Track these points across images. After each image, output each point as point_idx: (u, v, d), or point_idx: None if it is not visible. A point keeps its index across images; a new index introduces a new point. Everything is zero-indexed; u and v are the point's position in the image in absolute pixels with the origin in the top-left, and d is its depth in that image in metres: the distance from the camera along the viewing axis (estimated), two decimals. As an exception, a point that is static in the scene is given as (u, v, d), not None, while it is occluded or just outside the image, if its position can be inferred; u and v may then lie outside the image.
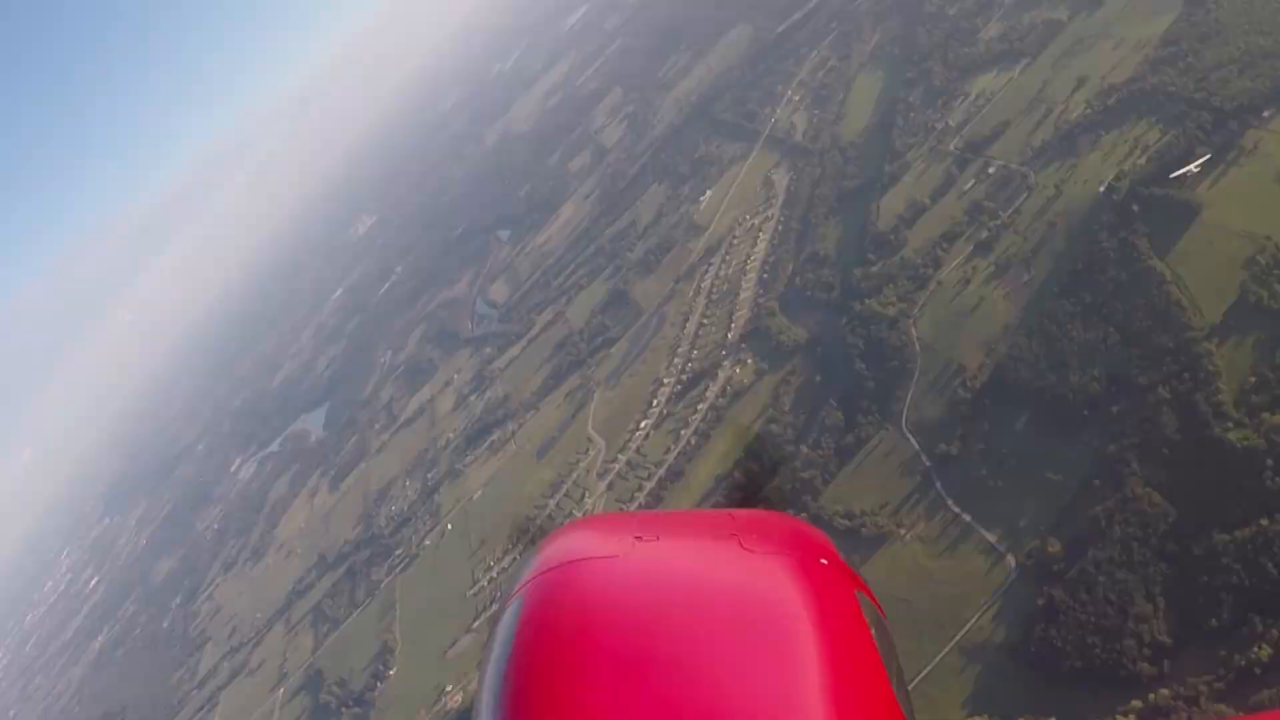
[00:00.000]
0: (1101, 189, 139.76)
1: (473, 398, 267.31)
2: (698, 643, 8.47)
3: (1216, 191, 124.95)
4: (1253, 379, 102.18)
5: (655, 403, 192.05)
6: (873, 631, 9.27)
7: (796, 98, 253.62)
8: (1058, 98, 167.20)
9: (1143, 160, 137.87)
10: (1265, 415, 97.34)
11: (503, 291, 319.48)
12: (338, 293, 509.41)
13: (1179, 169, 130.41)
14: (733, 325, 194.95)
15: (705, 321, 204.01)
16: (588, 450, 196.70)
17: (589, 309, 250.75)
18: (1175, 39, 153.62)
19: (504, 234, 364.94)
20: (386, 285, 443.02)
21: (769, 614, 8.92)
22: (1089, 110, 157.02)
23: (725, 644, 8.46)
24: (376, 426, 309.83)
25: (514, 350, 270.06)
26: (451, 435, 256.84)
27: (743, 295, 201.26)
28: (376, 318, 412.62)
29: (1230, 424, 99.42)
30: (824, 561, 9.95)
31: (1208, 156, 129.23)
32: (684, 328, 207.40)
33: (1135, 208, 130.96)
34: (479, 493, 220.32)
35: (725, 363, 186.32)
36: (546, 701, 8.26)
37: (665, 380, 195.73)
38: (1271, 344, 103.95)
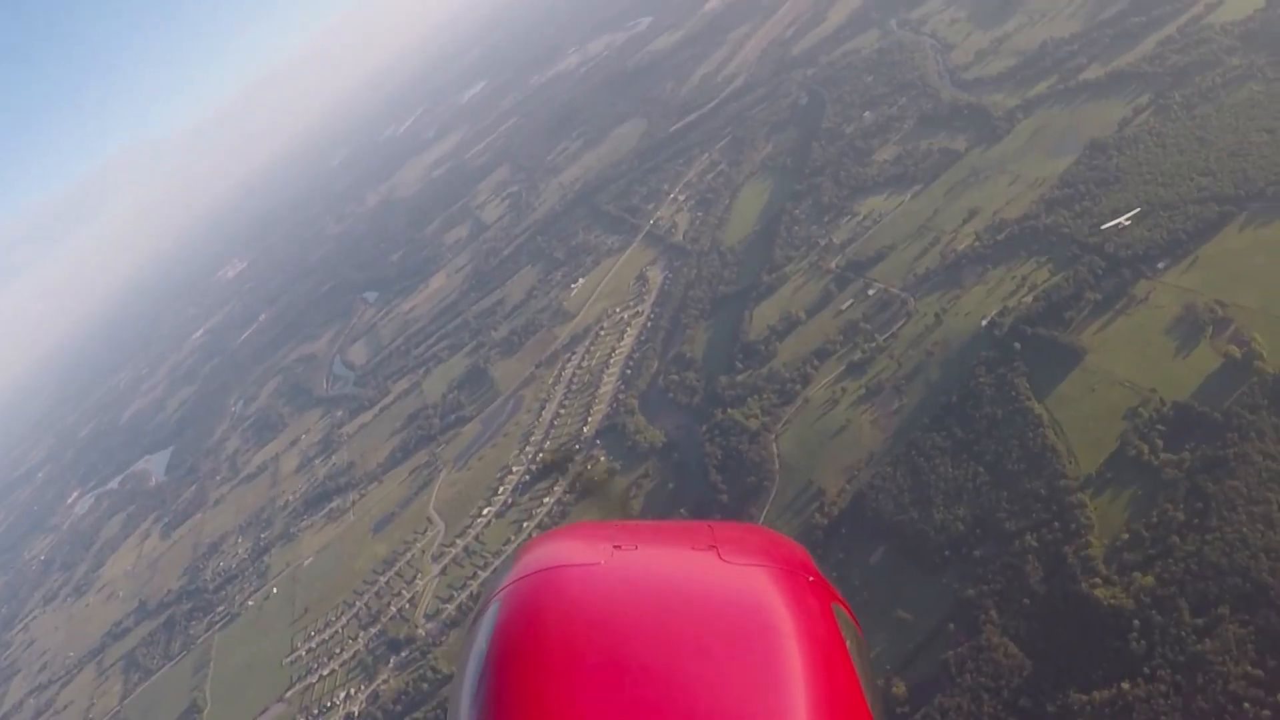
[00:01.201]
0: (984, 323, 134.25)
1: (318, 461, 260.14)
2: (675, 652, 8.34)
3: (1102, 338, 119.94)
4: (1125, 535, 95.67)
5: (501, 490, 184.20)
6: (849, 645, 9.16)
7: (682, 197, 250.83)
8: (947, 227, 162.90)
9: (1029, 299, 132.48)
10: (1136, 574, 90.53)
11: (362, 354, 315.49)
12: (199, 333, 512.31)
13: (1110, 221, 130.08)
14: (590, 419, 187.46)
15: (562, 411, 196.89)
16: (426, 530, 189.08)
17: (446, 383, 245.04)
18: (1073, 181, 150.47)
19: (371, 296, 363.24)
20: (248, 332, 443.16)
21: (747, 625, 8.79)
22: (978, 243, 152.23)
23: (703, 653, 8.32)
24: (218, 478, 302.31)
25: (365, 416, 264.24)
26: (291, 497, 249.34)
27: (603, 389, 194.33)
28: (233, 363, 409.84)
29: (1098, 580, 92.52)
30: (802, 574, 9.76)
31: (1137, 210, 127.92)
32: (540, 415, 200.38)
33: (1017, 345, 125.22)
34: (310, 559, 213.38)
35: (578, 458, 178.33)
36: (523, 705, 8.16)
37: (514, 468, 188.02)
38: (1148, 500, 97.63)
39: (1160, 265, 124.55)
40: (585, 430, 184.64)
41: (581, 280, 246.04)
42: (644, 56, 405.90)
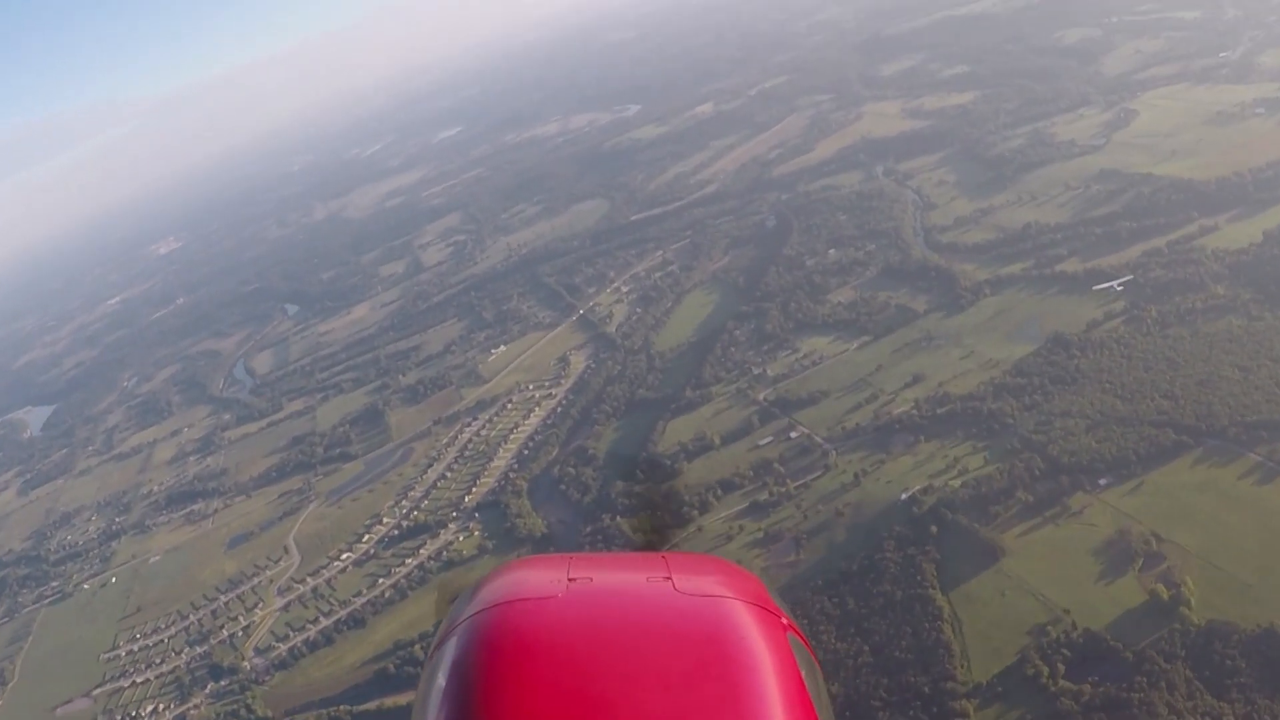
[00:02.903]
0: (903, 496, 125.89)
1: (193, 458, 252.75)
2: (635, 685, 8.46)
3: (1025, 543, 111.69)
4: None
5: (367, 538, 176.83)
6: (803, 673, 9.21)
7: (625, 289, 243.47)
8: (887, 387, 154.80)
9: (957, 483, 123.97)
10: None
11: (267, 363, 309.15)
12: (115, 300, 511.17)
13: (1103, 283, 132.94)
14: (475, 489, 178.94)
15: (449, 474, 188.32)
16: (280, 560, 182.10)
17: (341, 415, 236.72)
18: (1029, 372, 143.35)
19: (292, 309, 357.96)
20: (162, 312, 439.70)
21: (705, 657, 8.86)
22: (915, 411, 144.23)
23: (663, 686, 8.44)
24: (90, 448, 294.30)
25: (251, 427, 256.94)
26: (157, 488, 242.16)
27: (496, 463, 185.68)
28: (139, 339, 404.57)
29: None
30: (756, 604, 9.84)
31: (1129, 278, 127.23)
32: (425, 472, 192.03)
33: (934, 529, 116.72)
34: (157, 557, 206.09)
35: (451, 526, 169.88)
36: None
37: (385, 519, 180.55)
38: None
39: (1102, 482, 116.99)
40: (467, 500, 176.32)
41: (503, 347, 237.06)
42: (623, 141, 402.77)
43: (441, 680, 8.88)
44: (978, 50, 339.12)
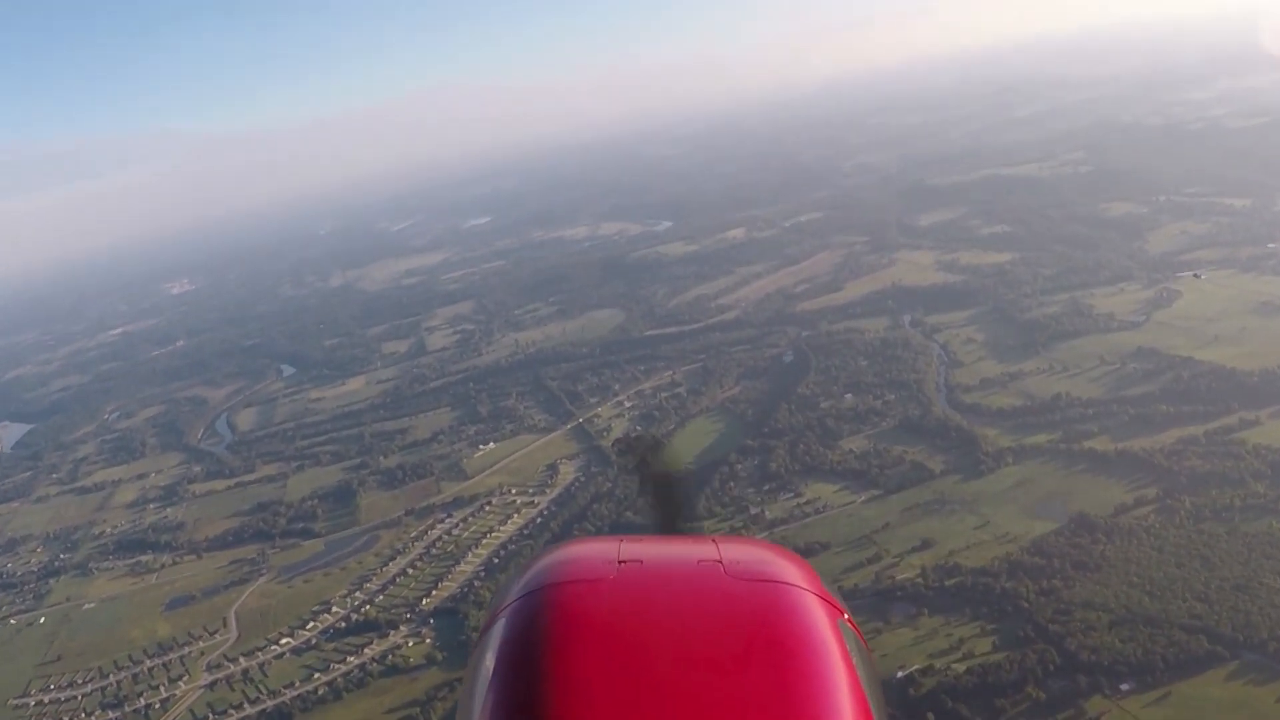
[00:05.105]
0: (900, 673, 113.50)
1: (153, 505, 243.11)
2: (686, 668, 8.37)
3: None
4: None
5: (312, 626, 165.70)
6: (855, 659, 9.02)
7: (628, 404, 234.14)
8: (893, 548, 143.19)
9: (961, 667, 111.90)
10: None
11: (250, 421, 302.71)
12: (116, 331, 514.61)
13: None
14: (436, 592, 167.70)
15: (411, 571, 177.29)
16: (216, 632, 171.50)
17: (312, 488, 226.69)
18: (1049, 552, 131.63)
19: (288, 370, 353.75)
20: (160, 351, 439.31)
21: (756, 641, 8.80)
22: (921, 579, 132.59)
23: (714, 670, 8.34)
24: (55, 475, 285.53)
25: (219, 484, 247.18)
26: (110, 530, 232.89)
27: (463, 567, 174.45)
28: (130, 374, 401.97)
29: None
30: (808, 589, 9.72)
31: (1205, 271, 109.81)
32: (387, 564, 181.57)
33: (931, 716, 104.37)
34: (92, 605, 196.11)
35: (403, 628, 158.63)
36: None
37: (335, 608, 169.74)
38: None
39: (1125, 687, 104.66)
40: (425, 603, 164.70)
41: (492, 444, 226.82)
42: (650, 255, 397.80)
43: (490, 661, 8.73)
44: (1019, 211, 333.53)
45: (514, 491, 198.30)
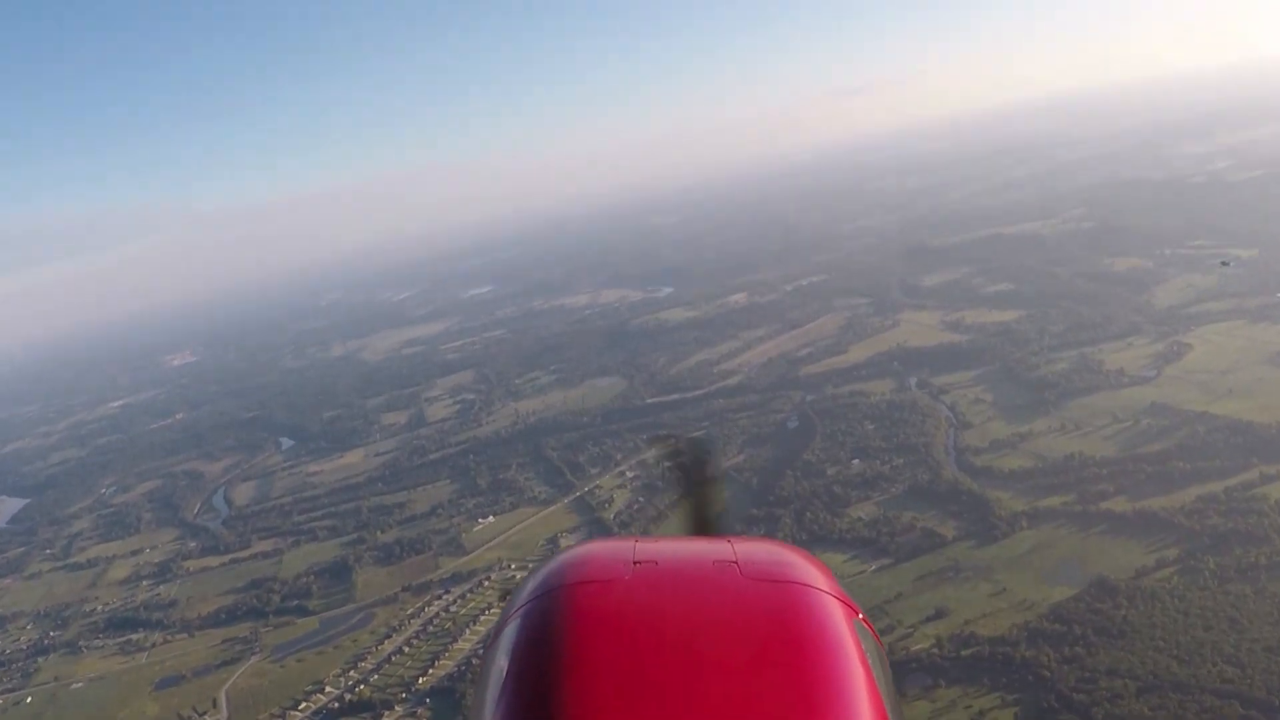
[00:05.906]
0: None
1: (146, 582, 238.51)
2: (702, 670, 8.26)
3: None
4: None
5: (304, 706, 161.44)
6: (870, 661, 8.86)
7: (630, 474, 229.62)
8: (906, 619, 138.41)
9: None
10: None
11: (246, 495, 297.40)
12: (117, 403, 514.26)
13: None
14: (433, 670, 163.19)
15: (407, 650, 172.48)
16: (206, 713, 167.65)
17: (307, 564, 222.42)
18: (1068, 618, 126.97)
19: (286, 443, 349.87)
20: (159, 424, 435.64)
21: (772, 642, 8.65)
22: (936, 650, 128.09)
23: (730, 671, 8.21)
24: (48, 551, 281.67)
25: (213, 560, 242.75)
26: (102, 607, 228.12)
27: (461, 644, 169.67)
28: (129, 448, 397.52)
29: None
30: (824, 591, 9.49)
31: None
32: (382, 642, 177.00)
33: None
34: (80, 684, 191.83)
35: (398, 708, 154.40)
36: None
37: (329, 688, 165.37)
38: None
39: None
40: (421, 681, 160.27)
41: (492, 518, 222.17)
42: (650, 321, 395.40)
43: (504, 661, 8.63)
44: (1024, 269, 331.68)
45: (513, 566, 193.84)
